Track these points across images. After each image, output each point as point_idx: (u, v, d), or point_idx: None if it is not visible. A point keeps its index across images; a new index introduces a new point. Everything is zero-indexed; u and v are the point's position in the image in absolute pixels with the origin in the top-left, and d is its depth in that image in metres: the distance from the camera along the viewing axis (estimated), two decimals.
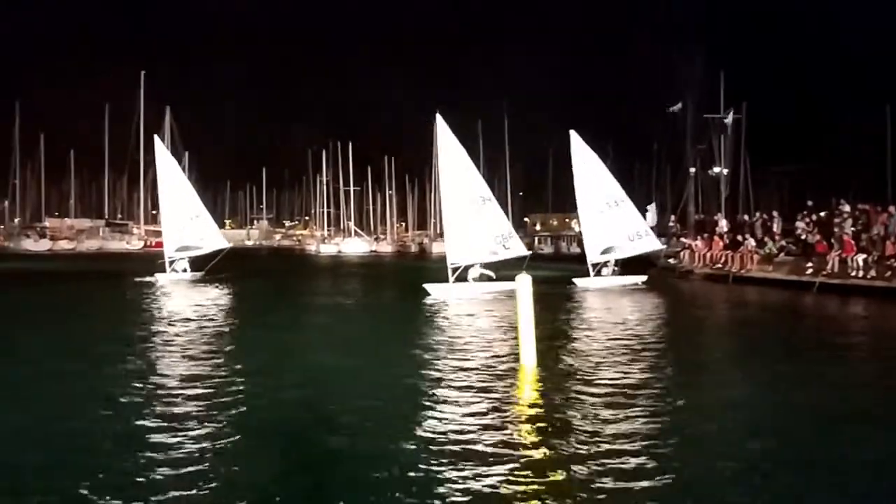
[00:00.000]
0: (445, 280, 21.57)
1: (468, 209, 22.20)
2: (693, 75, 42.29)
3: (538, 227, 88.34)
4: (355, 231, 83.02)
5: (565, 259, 49.02)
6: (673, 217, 44.81)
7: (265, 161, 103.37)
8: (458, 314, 16.79)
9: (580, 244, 70.23)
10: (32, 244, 65.24)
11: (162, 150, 30.33)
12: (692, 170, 45.38)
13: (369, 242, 78.19)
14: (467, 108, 76.58)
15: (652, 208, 50.74)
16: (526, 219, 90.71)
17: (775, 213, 28.97)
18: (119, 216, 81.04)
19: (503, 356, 10.73)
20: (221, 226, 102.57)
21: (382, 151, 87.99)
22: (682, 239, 35.88)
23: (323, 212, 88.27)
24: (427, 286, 21.32)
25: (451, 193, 22.61)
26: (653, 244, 25.42)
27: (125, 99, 71.79)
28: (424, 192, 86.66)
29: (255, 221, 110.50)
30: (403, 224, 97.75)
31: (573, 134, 25.34)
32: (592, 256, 24.68)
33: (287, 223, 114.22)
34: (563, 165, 24.51)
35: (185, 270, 28.25)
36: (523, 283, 9.71)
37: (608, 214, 24.63)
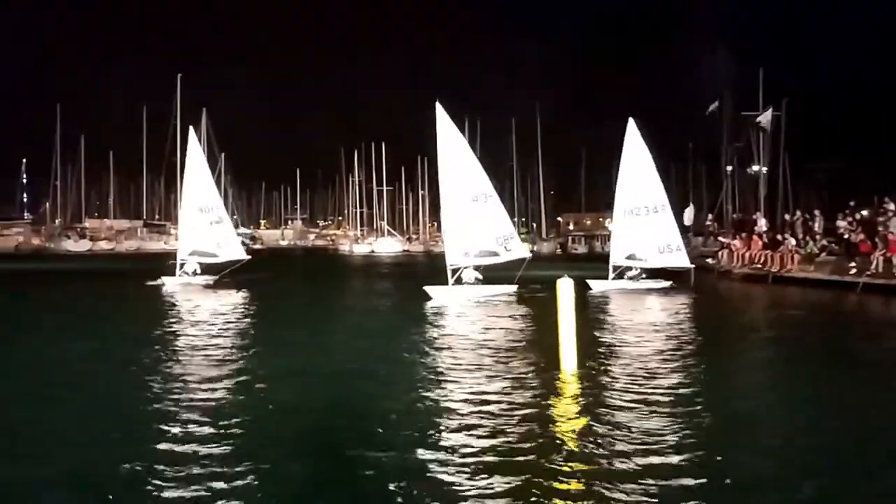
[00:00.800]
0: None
1: (468, 207, 21.03)
2: (730, 73, 41.61)
3: (571, 227, 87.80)
4: (388, 231, 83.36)
5: (600, 258, 48.57)
6: (710, 216, 44.18)
7: (299, 162, 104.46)
8: (489, 316, 16.72)
9: None
10: (73, 244, 66.72)
11: (194, 145, 28.15)
12: (729, 168, 44.65)
13: (402, 242, 78.45)
14: (501, 108, 76.42)
15: (690, 208, 50.13)
16: (559, 218, 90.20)
17: (816, 212, 28.34)
18: (157, 217, 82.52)
19: (542, 359, 10.66)
20: (257, 226, 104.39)
21: (415, 151, 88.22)
22: (720, 238, 35.36)
23: (356, 212, 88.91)
24: (427, 289, 20.54)
25: (450, 190, 21.23)
26: (681, 261, 23.10)
27: (162, 101, 73.19)
28: None
29: (290, 221, 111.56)
30: (436, 224, 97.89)
31: (631, 123, 23.44)
32: (616, 258, 23.24)
33: (321, 223, 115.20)
34: (596, 165, 23.51)
35: (195, 273, 26.52)
36: (565, 286, 9.61)
37: (643, 219, 22.96)
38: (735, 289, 25.32)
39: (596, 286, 22.65)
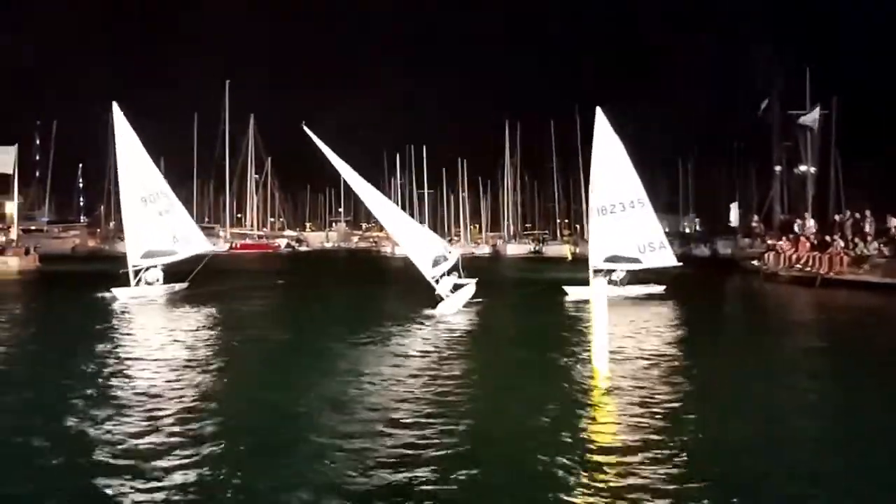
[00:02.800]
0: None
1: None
2: (777, 71, 40.70)
3: None
4: None
5: None
6: (756, 217, 43.26)
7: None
8: (528, 320, 16.82)
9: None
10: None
11: (120, 120, 22.23)
12: (777, 168, 43.65)
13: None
14: (540, 111, 76.14)
15: (734, 207, 49.15)
16: None
17: (867, 213, 27.58)
18: (206, 220, 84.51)
19: (574, 361, 10.76)
20: (302, 228, 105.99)
21: (455, 154, 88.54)
22: (767, 240, 34.66)
23: None
24: (567, 288, 20.51)
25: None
26: (666, 260, 21.00)
27: (212, 107, 75.18)
28: (497, 194, 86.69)
29: (334, 224, 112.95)
30: (477, 226, 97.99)
31: (599, 113, 21.39)
32: (595, 262, 20.90)
33: (364, 225, 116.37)
34: (639, 165, 22.20)
35: (157, 281, 21.37)
36: (598, 289, 9.71)
37: (620, 216, 20.82)
38: (781, 292, 24.83)
39: (574, 293, 20.52)
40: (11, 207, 43.37)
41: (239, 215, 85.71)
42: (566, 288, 20.83)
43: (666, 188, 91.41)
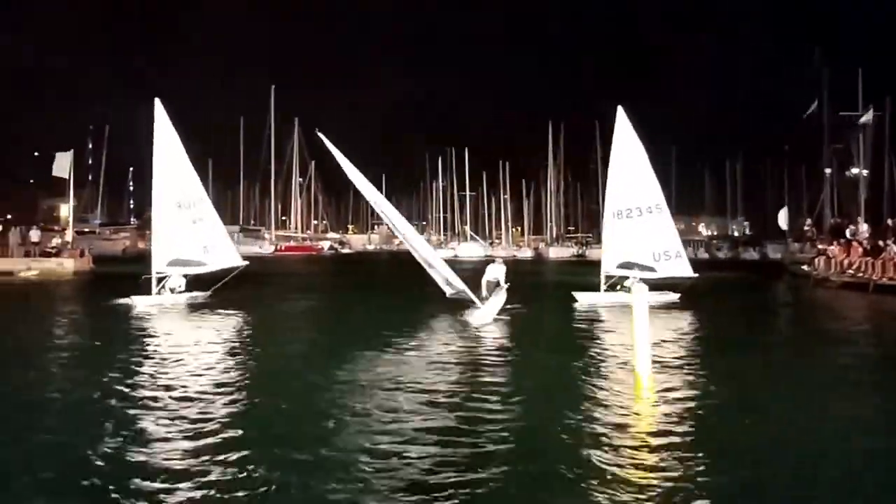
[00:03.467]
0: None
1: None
2: (826, 73, 39.64)
3: None
4: (471, 235, 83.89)
5: (691, 265, 47.17)
6: (808, 221, 42.22)
7: (386, 168, 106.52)
8: (582, 324, 16.72)
9: (708, 249, 67.84)
10: None
11: (162, 117, 20.75)
12: (828, 171, 42.53)
13: (484, 247, 78.75)
14: (585, 112, 75.58)
15: (784, 212, 47.97)
16: None
17: None
18: (252, 222, 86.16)
19: (616, 365, 10.68)
20: (345, 231, 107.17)
21: (497, 157, 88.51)
22: (818, 244, 33.79)
23: (439, 217, 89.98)
24: (576, 293, 19.99)
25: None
26: (681, 270, 19.68)
27: (258, 111, 76.81)
28: (540, 196, 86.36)
29: (376, 227, 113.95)
30: (518, 228, 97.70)
31: (620, 112, 20.62)
32: (607, 267, 20.23)
33: None
34: (687, 166, 21.73)
35: (179, 288, 20.42)
36: (639, 293, 9.62)
37: (636, 221, 19.88)
38: (832, 298, 24.16)
39: (583, 299, 19.83)
40: (67, 210, 44.87)
41: (284, 218, 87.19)
42: (576, 294, 20.06)
43: (713, 190, 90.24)
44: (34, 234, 35.40)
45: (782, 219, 46.13)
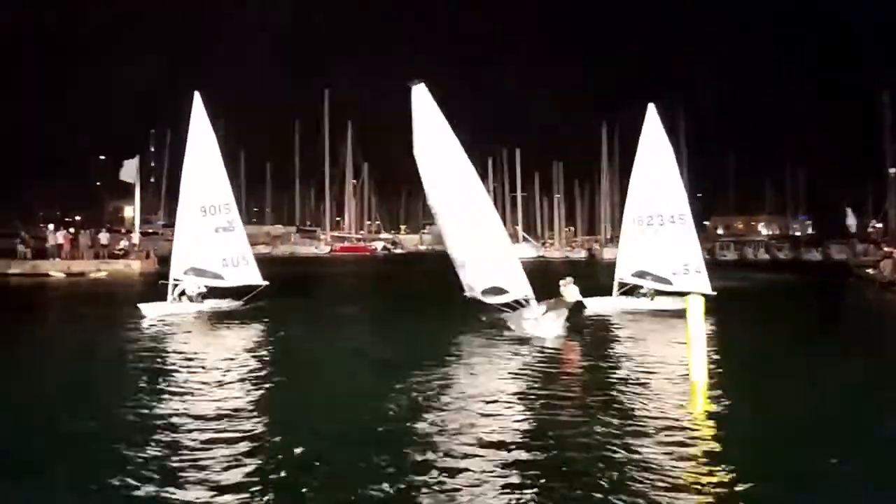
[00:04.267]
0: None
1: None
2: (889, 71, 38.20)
3: (720, 231, 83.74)
4: (523, 236, 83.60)
5: (750, 266, 46.06)
6: (874, 222, 40.80)
7: None
8: (620, 329, 16.60)
9: (768, 250, 66.05)
10: None
11: (199, 112, 19.38)
12: (892, 171, 40.97)
13: (537, 248, 78.33)
14: (639, 111, 74.41)
15: (850, 211, 46.37)
16: (706, 222, 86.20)
17: None
18: (308, 223, 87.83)
19: (674, 373, 10.65)
20: (397, 231, 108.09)
21: (550, 156, 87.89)
22: (883, 246, 32.61)
23: None
24: (586, 301, 17.55)
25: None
26: (699, 286, 17.60)
27: (312, 113, 78.39)
28: (593, 196, 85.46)
29: (427, 227, 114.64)
30: (572, 229, 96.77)
31: (651, 109, 19.44)
32: (621, 274, 19.30)
33: None
34: (745, 163, 20.89)
35: (199, 296, 18.73)
36: (695, 301, 9.60)
37: (658, 230, 18.84)
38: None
39: (592, 305, 18.36)
40: (131, 212, 46.60)
41: (338, 219, 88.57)
42: (584, 300, 17.84)
43: (773, 189, 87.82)
44: (103, 237, 36.81)
45: (850, 219, 44.52)
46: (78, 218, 64.31)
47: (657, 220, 18.92)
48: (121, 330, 15.59)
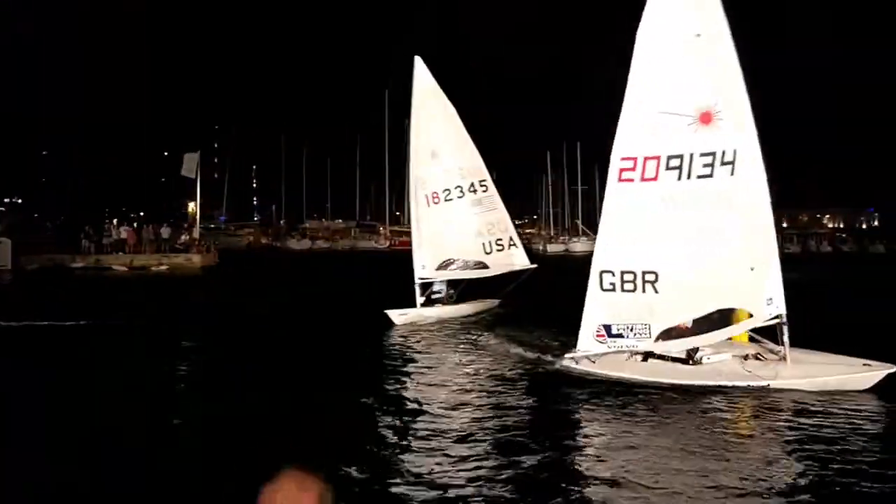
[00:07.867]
0: None
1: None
2: None
3: (784, 224, 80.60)
4: (583, 230, 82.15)
5: (813, 259, 44.08)
6: None
7: (496, 163, 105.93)
8: None
9: (831, 242, 63.01)
10: (296, 243, 73.54)
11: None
12: None
13: (594, 241, 76.98)
14: None
15: None
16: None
17: None
18: (368, 218, 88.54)
19: None
20: None
21: (610, 149, 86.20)
22: None
23: (550, 211, 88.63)
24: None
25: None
26: (517, 260, 16.18)
27: (373, 110, 78.96)
28: None
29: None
30: None
31: (418, 61, 16.75)
32: (421, 272, 16.19)
33: (516, 222, 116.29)
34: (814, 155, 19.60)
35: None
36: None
37: (456, 204, 16.14)
38: None
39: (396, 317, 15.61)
40: (193, 207, 47.81)
41: (398, 213, 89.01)
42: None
43: (838, 181, 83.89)
44: (165, 231, 37.84)
45: None
46: (141, 213, 66.47)
47: (456, 192, 16.42)
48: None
